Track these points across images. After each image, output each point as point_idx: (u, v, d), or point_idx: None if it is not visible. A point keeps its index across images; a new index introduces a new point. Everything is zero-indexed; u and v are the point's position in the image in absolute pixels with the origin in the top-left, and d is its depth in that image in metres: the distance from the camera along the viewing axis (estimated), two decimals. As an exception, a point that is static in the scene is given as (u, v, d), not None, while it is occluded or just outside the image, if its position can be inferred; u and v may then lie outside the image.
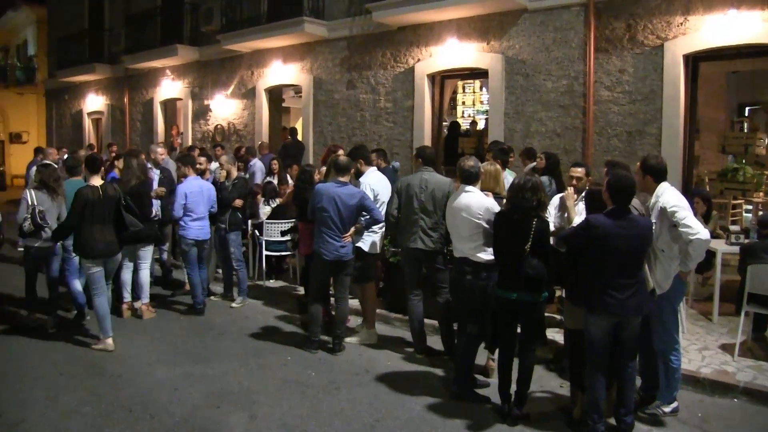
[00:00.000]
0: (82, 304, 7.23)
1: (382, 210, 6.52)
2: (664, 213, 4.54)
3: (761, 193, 10.76)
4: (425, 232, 6.02)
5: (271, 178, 9.86)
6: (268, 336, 7.00)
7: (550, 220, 5.37)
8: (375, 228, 6.59)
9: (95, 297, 6.46)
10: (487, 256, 5.17)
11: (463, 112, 15.48)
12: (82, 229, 6.31)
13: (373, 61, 11.62)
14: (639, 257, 4.48)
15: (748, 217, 10.59)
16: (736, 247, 6.90)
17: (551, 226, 5.22)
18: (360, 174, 6.79)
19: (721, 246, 7.02)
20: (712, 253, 6.92)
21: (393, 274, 7.33)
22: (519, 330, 4.99)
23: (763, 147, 11.43)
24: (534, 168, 7.84)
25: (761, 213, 9.37)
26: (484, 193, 5.37)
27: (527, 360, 4.91)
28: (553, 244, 5.07)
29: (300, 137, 13.23)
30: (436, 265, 6.13)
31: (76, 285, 7.23)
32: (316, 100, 12.72)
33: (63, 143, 18.85)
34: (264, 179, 10.11)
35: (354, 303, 7.11)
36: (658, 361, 4.93)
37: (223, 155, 9.34)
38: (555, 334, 6.40)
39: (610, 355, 4.54)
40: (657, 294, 4.64)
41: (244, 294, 8.22)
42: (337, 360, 6.25)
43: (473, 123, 14.51)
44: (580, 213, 5.57)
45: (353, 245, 6.42)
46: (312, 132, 12.80)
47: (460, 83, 14.58)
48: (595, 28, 8.88)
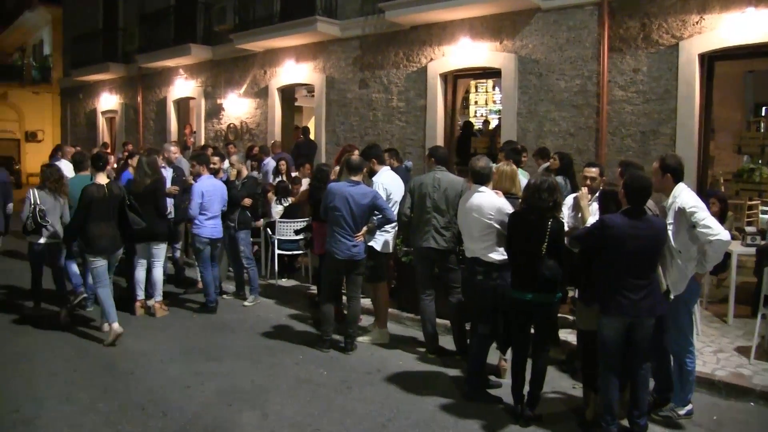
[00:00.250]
0: (77, 285, 7.61)
1: (395, 209, 6.51)
2: (682, 214, 4.49)
3: (777, 194, 10.65)
4: (438, 232, 6.01)
5: (278, 177, 9.92)
6: (281, 335, 7.01)
7: (564, 220, 5.33)
8: (387, 227, 6.59)
9: (99, 289, 6.67)
10: (498, 256, 5.15)
11: (476, 112, 15.44)
12: (87, 226, 6.50)
13: (385, 61, 11.61)
14: (653, 258, 4.45)
15: (764, 219, 10.47)
16: (751, 249, 6.83)
17: (565, 226, 5.18)
18: (373, 173, 6.78)
19: (736, 247, 6.95)
20: (728, 255, 6.84)
21: (405, 273, 7.32)
22: (532, 331, 4.97)
23: (779, 147, 11.30)
24: (548, 168, 7.80)
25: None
26: (496, 192, 5.35)
27: (540, 361, 4.88)
28: (566, 244, 5.04)
29: (312, 136, 13.23)
30: (448, 264, 6.11)
31: (73, 267, 7.60)
32: (328, 99, 12.72)
33: (77, 142, 18.95)
34: (275, 179, 10.16)
35: (366, 302, 7.10)
36: (673, 363, 4.89)
37: (233, 154, 9.38)
38: (567, 335, 6.37)
39: (623, 356, 4.51)
40: (672, 296, 4.60)
41: (256, 292, 8.24)
42: (349, 359, 6.25)
43: (485, 122, 14.47)
44: (593, 213, 5.53)
45: (365, 244, 6.42)
46: (324, 131, 12.81)
47: (473, 83, 14.54)
48: (609, 27, 8.82)
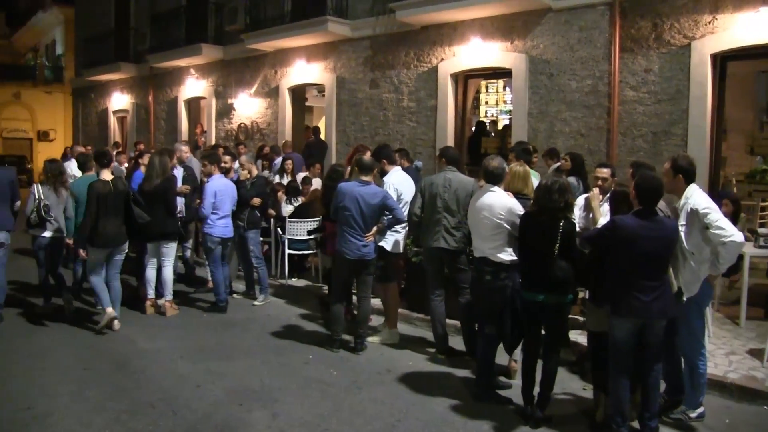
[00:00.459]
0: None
1: (405, 210, 6.50)
2: (695, 215, 4.46)
3: (791, 196, 10.54)
4: (448, 232, 6.00)
5: (282, 178, 9.97)
6: (290, 334, 7.02)
7: (575, 220, 5.31)
8: (398, 227, 6.58)
9: (91, 276, 6.95)
10: (507, 257, 5.13)
11: (487, 112, 15.40)
12: (86, 222, 6.74)
13: (396, 61, 11.61)
14: (665, 259, 4.42)
15: (777, 220, 10.39)
16: (764, 250, 6.79)
17: (576, 227, 5.16)
18: (384, 173, 6.78)
19: (749, 249, 6.90)
20: (740, 256, 6.78)
21: (415, 273, 7.32)
22: (543, 332, 4.95)
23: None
24: (559, 169, 7.78)
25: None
26: (507, 193, 5.34)
27: (551, 362, 4.86)
28: (577, 244, 5.02)
29: (323, 136, 13.25)
30: (458, 265, 6.10)
31: (78, 266, 7.76)
32: (339, 99, 12.74)
33: (89, 141, 19.11)
34: (280, 178, 10.21)
35: (376, 302, 7.10)
36: (684, 366, 4.86)
37: (243, 154, 9.41)
38: (578, 336, 6.35)
39: (633, 358, 4.48)
40: (684, 298, 4.57)
41: (266, 292, 8.26)
42: (358, 359, 6.25)
43: (493, 123, 14.42)
44: (604, 214, 5.51)
45: (376, 245, 6.42)
46: (335, 131, 12.83)
47: (484, 83, 14.50)
48: (621, 27, 8.78)
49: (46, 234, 7.25)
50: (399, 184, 6.74)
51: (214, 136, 15.79)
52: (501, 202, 5.18)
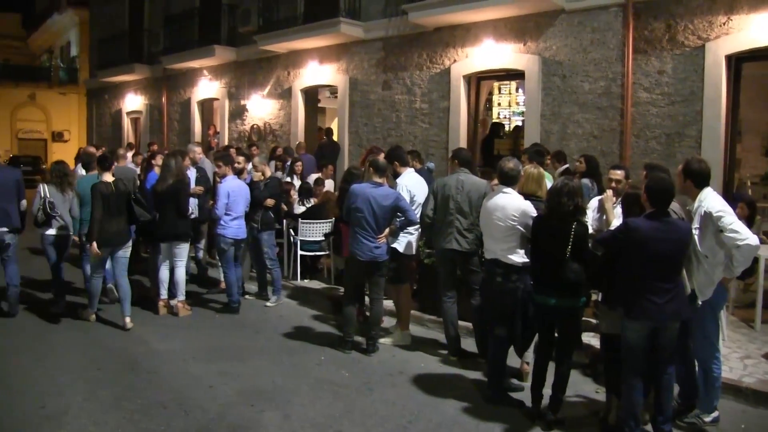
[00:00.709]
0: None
1: (418, 211, 6.50)
2: (708, 218, 4.43)
3: (806, 198, 10.46)
4: (460, 233, 5.99)
5: (291, 179, 10.00)
6: (302, 335, 7.03)
7: (588, 222, 5.29)
8: (410, 229, 6.57)
9: (92, 277, 7.21)
10: (519, 259, 5.13)
11: (499, 114, 15.34)
12: (95, 220, 6.94)
13: (408, 62, 11.60)
14: (678, 261, 4.39)
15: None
16: (780, 253, 6.73)
17: (589, 228, 5.14)
18: (397, 175, 6.78)
19: (764, 252, 6.82)
20: (755, 259, 6.73)
21: (427, 275, 7.31)
22: (556, 335, 4.93)
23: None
24: (574, 171, 7.74)
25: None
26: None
27: (564, 365, 4.84)
28: (590, 247, 5.00)
29: (335, 138, 13.28)
30: (470, 266, 6.09)
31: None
32: (351, 100, 12.75)
33: (103, 142, 19.20)
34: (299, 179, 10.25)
35: (388, 304, 7.10)
36: (698, 369, 4.82)
37: (256, 156, 9.43)
38: (590, 339, 6.31)
39: (647, 360, 4.46)
40: (699, 301, 4.53)
41: (278, 293, 8.28)
42: (370, 361, 6.25)
43: (500, 125, 14.32)
44: (617, 216, 5.48)
45: (388, 246, 6.42)
46: (347, 132, 12.84)
47: (496, 84, 14.45)
48: (634, 28, 8.73)
49: (52, 231, 7.47)
50: (412, 185, 6.73)
51: (227, 138, 15.85)
52: (514, 203, 5.17)
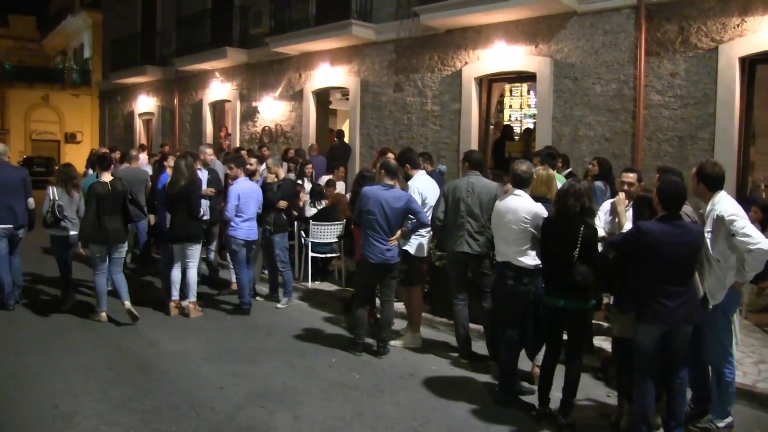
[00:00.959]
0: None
1: (429, 214, 6.49)
2: (721, 222, 4.40)
3: (821, 201, 10.34)
4: (471, 236, 5.99)
5: (302, 181, 10.04)
6: (313, 337, 7.04)
7: (599, 225, 5.27)
8: (422, 231, 6.57)
9: (96, 276, 7.37)
10: (530, 261, 5.11)
11: (510, 116, 15.31)
12: (87, 220, 7.16)
13: (420, 64, 11.60)
14: (690, 264, 4.37)
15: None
16: (794, 257, 6.65)
17: (601, 231, 5.13)
18: (408, 177, 6.78)
19: (778, 255, 6.78)
20: (768, 263, 6.68)
21: (438, 277, 7.30)
22: (565, 337, 4.92)
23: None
24: (585, 173, 7.71)
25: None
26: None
27: (573, 368, 4.83)
28: (601, 250, 4.98)
29: (347, 139, 13.30)
30: (481, 269, 6.08)
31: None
32: (363, 102, 12.76)
33: (115, 143, 19.33)
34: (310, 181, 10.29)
35: (399, 306, 7.10)
36: (711, 374, 4.79)
37: (269, 158, 9.45)
38: (602, 342, 6.28)
39: (659, 364, 4.43)
40: (711, 305, 4.51)
41: (289, 295, 8.29)
42: (381, 363, 6.25)
43: (509, 127, 14.28)
44: (629, 219, 5.45)
45: (399, 248, 6.42)
46: (359, 134, 12.85)
47: (508, 86, 14.42)
48: (646, 30, 8.68)
49: (60, 232, 7.62)
50: (424, 188, 6.73)
51: (239, 139, 15.91)
52: (526, 206, 5.16)
